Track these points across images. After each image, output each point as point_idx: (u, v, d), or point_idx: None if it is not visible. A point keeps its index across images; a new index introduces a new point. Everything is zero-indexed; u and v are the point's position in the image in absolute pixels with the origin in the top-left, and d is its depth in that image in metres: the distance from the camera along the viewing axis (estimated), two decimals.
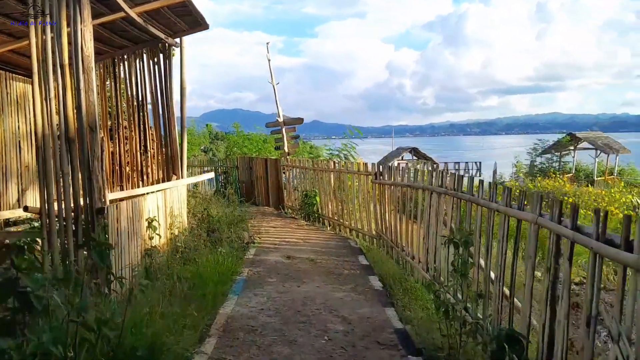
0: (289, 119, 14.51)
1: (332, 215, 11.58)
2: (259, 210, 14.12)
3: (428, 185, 6.85)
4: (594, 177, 35.17)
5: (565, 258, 3.43)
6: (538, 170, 36.83)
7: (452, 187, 5.96)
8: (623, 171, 37.83)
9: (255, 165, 15.90)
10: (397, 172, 8.40)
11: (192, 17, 7.73)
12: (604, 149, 35.82)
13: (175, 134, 8.41)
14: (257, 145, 21.76)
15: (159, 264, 6.28)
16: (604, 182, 34.35)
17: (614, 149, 36.31)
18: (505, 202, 4.51)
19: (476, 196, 5.20)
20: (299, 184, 13.24)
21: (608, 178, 35.12)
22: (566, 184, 16.11)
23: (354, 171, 10.41)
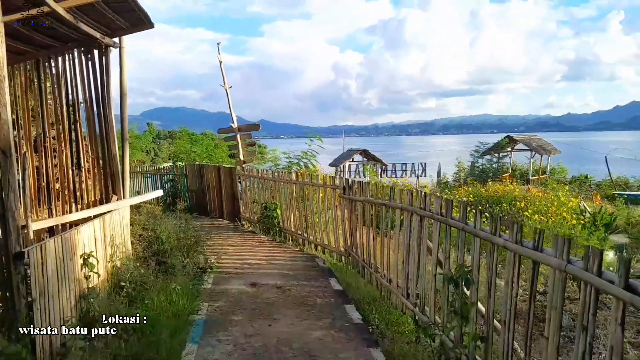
0: (245, 125, 13.22)
1: (295, 229, 10.44)
2: (212, 223, 12.75)
3: (408, 206, 5.84)
4: (529, 177, 35.73)
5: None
6: (480, 171, 37.10)
7: (438, 211, 4.97)
8: (554, 170, 38.75)
9: (207, 173, 14.53)
10: (368, 188, 7.36)
11: (134, 14, 6.39)
12: (538, 150, 36.50)
13: (115, 147, 7.03)
14: (207, 149, 20.20)
15: (98, 310, 4.95)
16: (538, 181, 34.95)
17: (547, 150, 37.08)
18: (515, 238, 3.57)
19: (472, 226, 4.24)
20: (258, 194, 12.00)
21: (541, 177, 35.80)
22: (515, 189, 15.59)
23: (319, 184, 9.29)
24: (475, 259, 4.18)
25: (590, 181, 36.71)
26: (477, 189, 16.07)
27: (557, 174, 38.62)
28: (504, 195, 14.80)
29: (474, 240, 4.19)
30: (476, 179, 36.24)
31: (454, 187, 32.36)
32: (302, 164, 14.29)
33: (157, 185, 17.86)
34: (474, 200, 14.97)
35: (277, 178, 11.00)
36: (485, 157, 38.05)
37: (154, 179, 18.14)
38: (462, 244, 4.45)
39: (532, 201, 13.37)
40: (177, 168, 17.20)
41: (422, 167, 45.94)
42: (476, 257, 4.18)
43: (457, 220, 4.52)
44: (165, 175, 17.42)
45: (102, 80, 6.78)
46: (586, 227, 10.91)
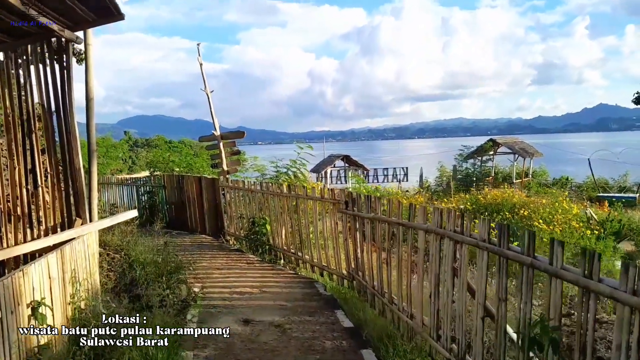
0: (228, 132, 11.98)
1: (287, 247, 9.27)
2: (194, 240, 11.46)
3: (436, 228, 4.74)
4: (513, 180, 35.19)
5: None
6: (464, 175, 36.40)
7: (485, 238, 3.87)
8: (535, 173, 38.37)
9: (187, 185, 13.25)
10: (379, 204, 6.23)
11: (99, 2, 5.17)
12: (521, 153, 36.03)
13: (79, 160, 5.78)
14: (186, 159, 18.82)
15: None
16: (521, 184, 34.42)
17: (529, 153, 36.66)
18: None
19: (546, 262, 3.14)
20: (244, 208, 10.78)
21: (524, 180, 35.32)
22: (514, 195, 14.66)
23: (316, 197, 8.13)
24: (555, 308, 3.09)
25: (572, 183, 36.36)
26: (474, 196, 15.08)
27: (538, 176, 38.22)
28: (503, 202, 13.84)
29: (551, 282, 3.10)
30: (461, 183, 35.55)
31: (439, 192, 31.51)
32: (291, 174, 13.10)
33: (132, 197, 16.49)
34: (472, 209, 13.98)
35: (266, 190, 9.81)
36: (468, 161, 37.40)
37: (130, 190, 16.75)
38: (529, 285, 3.35)
39: (536, 209, 12.42)
40: (154, 179, 15.85)
41: (404, 171, 45.18)
42: (555, 304, 3.09)
43: (520, 253, 3.42)
44: (142, 187, 16.04)
45: (62, 81, 5.53)
46: (602, 238, 9.98)
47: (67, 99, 5.49)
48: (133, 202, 16.26)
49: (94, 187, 6.33)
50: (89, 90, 6.02)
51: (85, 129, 6.12)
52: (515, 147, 35.73)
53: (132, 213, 6.95)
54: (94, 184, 6.37)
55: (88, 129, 6.18)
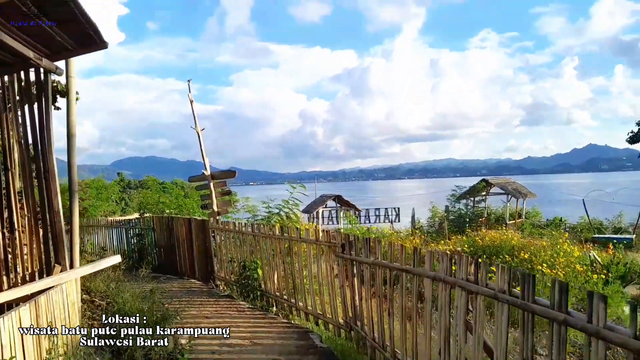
0: (219, 172, 11.60)
1: (279, 293, 8.77)
2: (183, 285, 10.90)
3: (446, 276, 4.34)
4: (506, 221, 34.96)
5: None
6: (457, 216, 36.12)
7: (504, 289, 3.48)
8: (529, 214, 38.21)
9: (177, 226, 12.77)
10: (379, 247, 5.82)
11: (79, 28, 4.78)
12: (515, 193, 35.95)
13: (58, 201, 5.35)
14: (176, 200, 18.34)
15: None
16: (514, 225, 34.15)
17: (522, 194, 36.59)
18: None
19: (584, 320, 2.74)
20: (235, 251, 10.31)
21: (517, 221, 35.09)
22: (513, 237, 14.30)
23: (310, 240, 7.71)
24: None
25: (565, 224, 36.17)
26: (471, 238, 14.69)
27: (532, 217, 38.04)
28: (501, 244, 13.46)
29: (590, 343, 2.70)
30: (453, 224, 35.23)
31: (432, 232, 31.12)
32: (284, 214, 12.67)
33: (122, 239, 15.95)
34: (469, 251, 13.57)
35: (257, 232, 9.37)
36: (461, 201, 37.20)
37: (120, 232, 16.23)
38: (561, 345, 2.94)
39: (536, 251, 12.05)
40: (144, 221, 15.35)
41: (396, 212, 44.89)
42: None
43: (550, 307, 3.02)
44: (132, 229, 15.52)
45: (40, 116, 5.17)
46: (609, 282, 9.58)
47: (45, 135, 5.12)
48: (123, 244, 15.74)
49: (75, 231, 5.89)
50: (70, 126, 5.68)
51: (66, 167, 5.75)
52: (508, 188, 35.67)
53: (116, 259, 6.47)
54: (75, 227, 5.94)
55: (69, 168, 5.80)
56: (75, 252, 5.83)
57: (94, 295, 9.10)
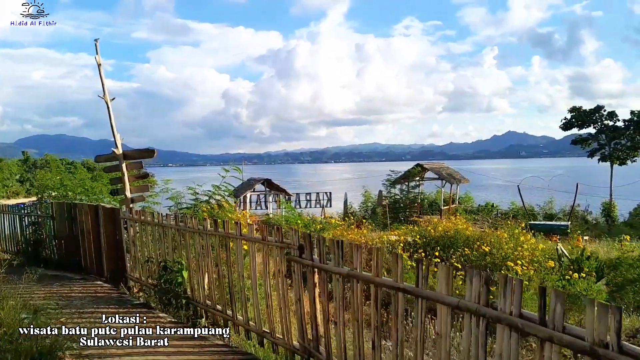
0: (134, 150, 9.67)
1: (212, 302, 7.14)
2: (87, 289, 8.91)
3: (481, 307, 3.00)
4: (441, 206, 34.96)
5: None
6: (394, 201, 35.66)
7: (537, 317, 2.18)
8: (461, 199, 38.60)
9: (81, 215, 10.69)
10: (357, 253, 4.39)
11: None
12: (449, 179, 35.97)
13: None
14: (82, 183, 15.94)
15: None
16: (448, 211, 34.19)
17: (456, 179, 36.71)
18: None
19: None
20: (154, 248, 8.54)
21: (451, 207, 35.19)
22: (467, 226, 13.44)
23: (254, 238, 6.14)
24: None
25: (497, 210, 36.75)
26: (423, 228, 13.67)
27: (464, 202, 38.40)
28: (456, 235, 12.53)
29: None
30: (389, 209, 34.72)
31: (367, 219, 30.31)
32: (214, 202, 10.93)
33: (15, 228, 13.53)
34: (421, 242, 12.54)
35: (183, 226, 7.66)
36: (396, 187, 36.79)
37: (12, 219, 13.76)
38: None
39: (497, 243, 11.18)
40: (42, 207, 13.04)
41: (328, 196, 44.01)
42: None
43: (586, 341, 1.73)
44: (27, 217, 13.16)
45: None
46: (587, 279, 8.78)
47: None
48: (17, 234, 13.35)
49: None
50: None
51: None
52: (442, 173, 35.59)
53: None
54: None
55: None
56: None
57: None
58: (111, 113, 9.58)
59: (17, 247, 13.29)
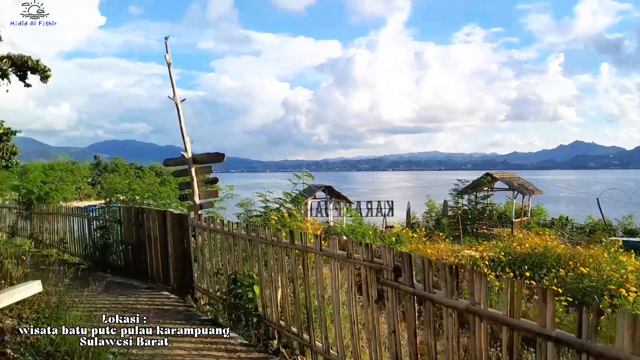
0: (203, 154, 9.16)
1: (286, 322, 6.42)
2: (152, 300, 8.42)
3: None
4: (512, 219, 33.11)
5: None
6: (462, 212, 34.10)
7: None
8: (533, 211, 36.48)
9: (148, 220, 10.32)
10: (481, 281, 3.51)
11: None
12: (520, 189, 34.06)
13: None
14: (150, 188, 15.75)
15: None
16: (520, 224, 32.25)
17: (529, 190, 34.72)
18: None
19: None
20: (222, 258, 7.94)
21: (523, 219, 33.24)
22: (559, 244, 12.13)
23: (337, 255, 5.36)
24: None
25: (572, 224, 34.43)
26: (508, 244, 12.45)
27: (536, 215, 36.29)
28: (546, 252, 11.27)
29: None
30: (453, 220, 33.23)
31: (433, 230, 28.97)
32: (284, 210, 10.26)
33: (83, 231, 13.41)
34: (506, 261, 11.37)
35: (255, 237, 7.00)
36: (464, 196, 35.22)
37: (81, 222, 13.67)
38: None
39: (594, 264, 9.89)
40: (109, 211, 12.85)
41: (389, 205, 42.88)
42: None
43: None
44: (95, 220, 13.01)
45: None
46: None
47: None
48: (85, 238, 13.24)
49: None
50: None
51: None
52: (513, 183, 33.77)
53: (34, 287, 4.01)
54: None
55: None
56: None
57: (28, 317, 6.66)
58: (181, 115, 9.11)
59: (84, 251, 13.16)
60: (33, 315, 6.31)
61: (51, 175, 19.67)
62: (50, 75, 35.18)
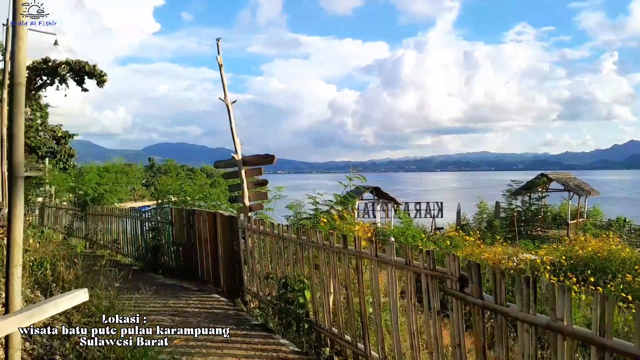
0: (253, 156, 9.02)
1: (339, 329, 6.16)
2: (202, 303, 8.32)
3: None
4: (567, 220, 31.75)
5: None
6: (517, 214, 32.97)
7: None
8: (589, 212, 34.89)
9: (199, 222, 10.30)
10: (564, 294, 3.13)
11: None
12: (577, 190, 32.60)
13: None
14: (201, 189, 15.83)
15: None
16: (576, 226, 30.84)
17: (585, 191, 33.19)
18: None
19: None
20: (271, 261, 7.77)
21: (579, 221, 31.85)
22: (624, 247, 11.37)
23: (393, 262, 5.06)
24: None
25: (630, 225, 32.78)
26: (569, 247, 11.77)
27: (592, 216, 34.69)
28: (609, 256, 10.57)
29: None
30: (506, 222, 32.18)
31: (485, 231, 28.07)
32: (335, 213, 10.01)
33: (136, 232, 13.60)
34: (568, 265, 10.73)
35: (306, 241, 6.77)
36: (518, 198, 34.05)
37: (133, 224, 13.86)
38: None
39: None
40: (161, 212, 12.96)
41: (439, 206, 42.01)
42: None
43: None
44: (147, 222, 13.16)
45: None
46: None
47: None
48: (137, 239, 13.42)
49: (14, 246, 3.40)
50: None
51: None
52: (569, 184, 32.38)
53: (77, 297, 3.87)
54: (16, 237, 3.43)
55: (11, 140, 3.32)
56: (14, 283, 3.34)
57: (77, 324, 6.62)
58: (232, 116, 9.01)
59: (137, 252, 13.34)
60: (83, 320, 6.28)
61: (105, 177, 20.18)
62: (106, 80, 36.33)
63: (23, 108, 3.23)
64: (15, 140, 3.22)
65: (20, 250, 3.39)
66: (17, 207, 3.36)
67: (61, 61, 35.26)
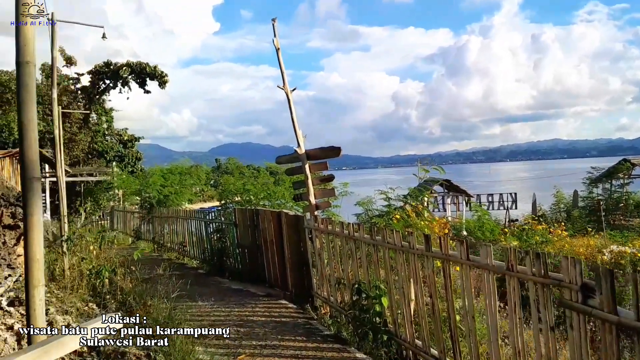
0: (317, 149, 8.29)
1: (423, 342, 5.30)
2: (269, 310, 7.68)
3: None
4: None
5: None
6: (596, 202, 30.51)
7: None
8: None
9: (264, 222, 9.71)
10: None
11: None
12: None
13: None
14: (265, 188, 15.28)
15: None
16: None
17: None
18: None
19: None
20: (345, 264, 7.00)
21: None
22: None
23: (493, 266, 4.17)
24: None
25: None
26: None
27: None
28: None
29: None
30: (585, 212, 29.84)
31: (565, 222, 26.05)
32: (409, 208, 9.09)
33: (201, 235, 13.25)
34: None
35: (380, 242, 5.95)
36: (599, 185, 31.51)
37: (198, 225, 13.52)
38: None
39: None
40: (225, 213, 12.52)
41: (512, 198, 39.82)
42: None
43: None
44: (212, 223, 12.76)
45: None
46: None
47: None
48: (203, 241, 13.07)
49: (35, 268, 2.79)
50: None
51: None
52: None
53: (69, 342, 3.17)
54: (36, 253, 2.83)
55: (22, 140, 2.71)
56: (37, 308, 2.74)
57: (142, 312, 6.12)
58: (292, 106, 8.32)
59: (202, 255, 12.99)
60: (150, 319, 5.77)
61: (169, 179, 20.08)
62: (168, 81, 36.76)
63: (34, 93, 2.62)
64: (25, 132, 2.60)
65: (42, 268, 2.80)
66: (35, 215, 2.76)
67: (122, 63, 36.16)
